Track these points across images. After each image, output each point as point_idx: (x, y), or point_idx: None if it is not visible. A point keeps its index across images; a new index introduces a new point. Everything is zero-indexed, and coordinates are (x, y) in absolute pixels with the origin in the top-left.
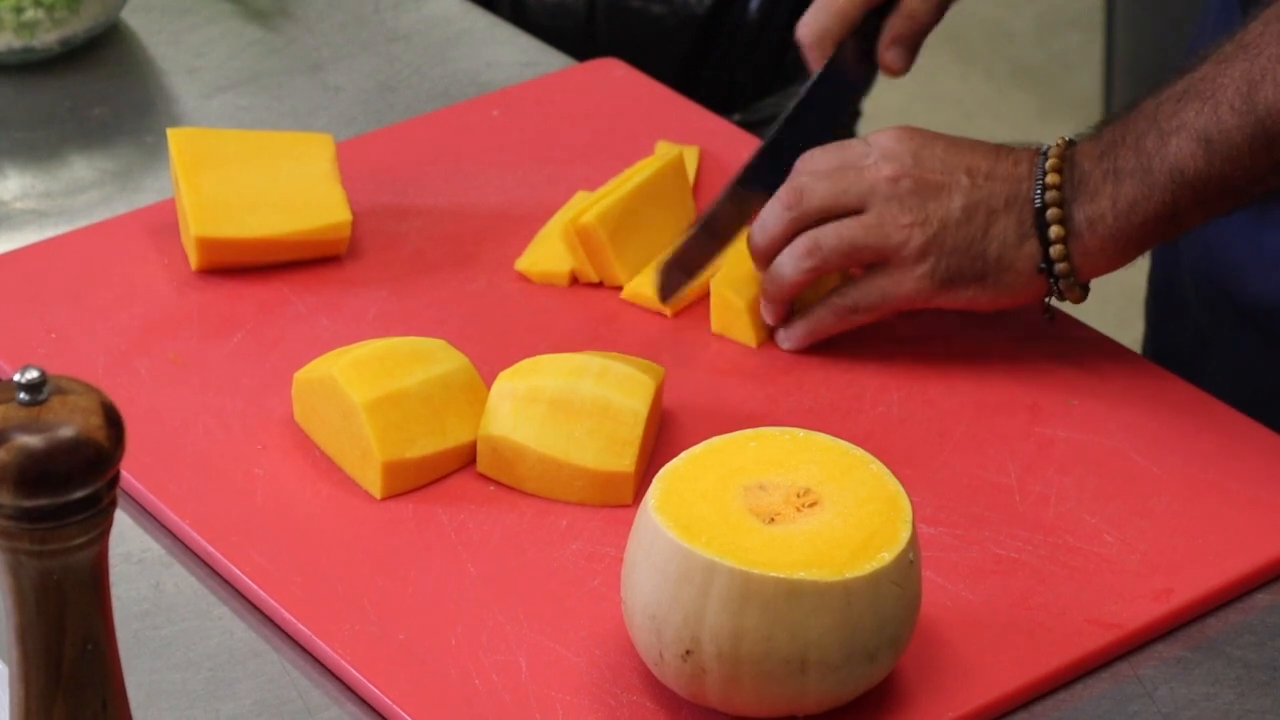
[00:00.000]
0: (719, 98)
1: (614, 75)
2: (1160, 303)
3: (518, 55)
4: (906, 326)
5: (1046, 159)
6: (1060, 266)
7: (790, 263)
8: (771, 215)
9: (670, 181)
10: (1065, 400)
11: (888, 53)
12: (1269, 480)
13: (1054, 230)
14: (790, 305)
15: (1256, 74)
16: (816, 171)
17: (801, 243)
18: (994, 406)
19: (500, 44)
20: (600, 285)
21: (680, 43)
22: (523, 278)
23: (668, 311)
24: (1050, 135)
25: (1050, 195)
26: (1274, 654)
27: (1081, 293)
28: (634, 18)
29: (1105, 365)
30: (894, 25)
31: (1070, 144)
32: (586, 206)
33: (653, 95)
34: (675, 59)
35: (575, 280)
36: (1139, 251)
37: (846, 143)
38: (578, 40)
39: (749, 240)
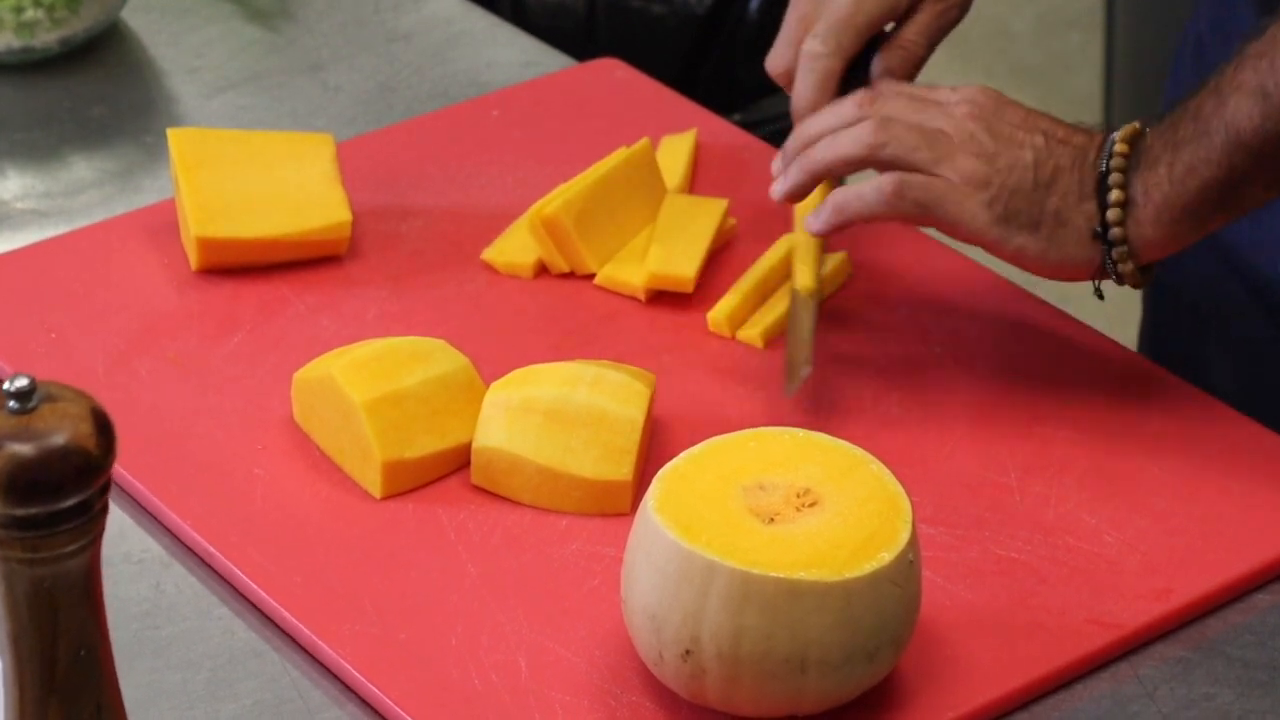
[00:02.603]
0: (719, 98)
1: (614, 75)
2: (1160, 284)
3: (518, 55)
4: (907, 326)
5: (1118, 132)
6: (1115, 232)
7: (872, 192)
8: (842, 112)
9: (639, 170)
10: (1065, 400)
11: (879, 83)
12: (1269, 480)
13: (1113, 194)
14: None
15: None
16: (900, 91)
17: (892, 182)
18: (994, 406)
19: (500, 44)
20: (571, 275)
21: (680, 43)
22: (523, 277)
23: (641, 296)
24: None
25: (1115, 162)
26: (1274, 654)
27: (1137, 273)
28: (634, 18)
29: (1105, 365)
30: (887, 58)
31: (1146, 126)
32: (552, 197)
33: (653, 95)
34: (675, 59)
35: (544, 271)
36: (1196, 225)
37: (930, 86)
38: (578, 40)
39: (801, 132)
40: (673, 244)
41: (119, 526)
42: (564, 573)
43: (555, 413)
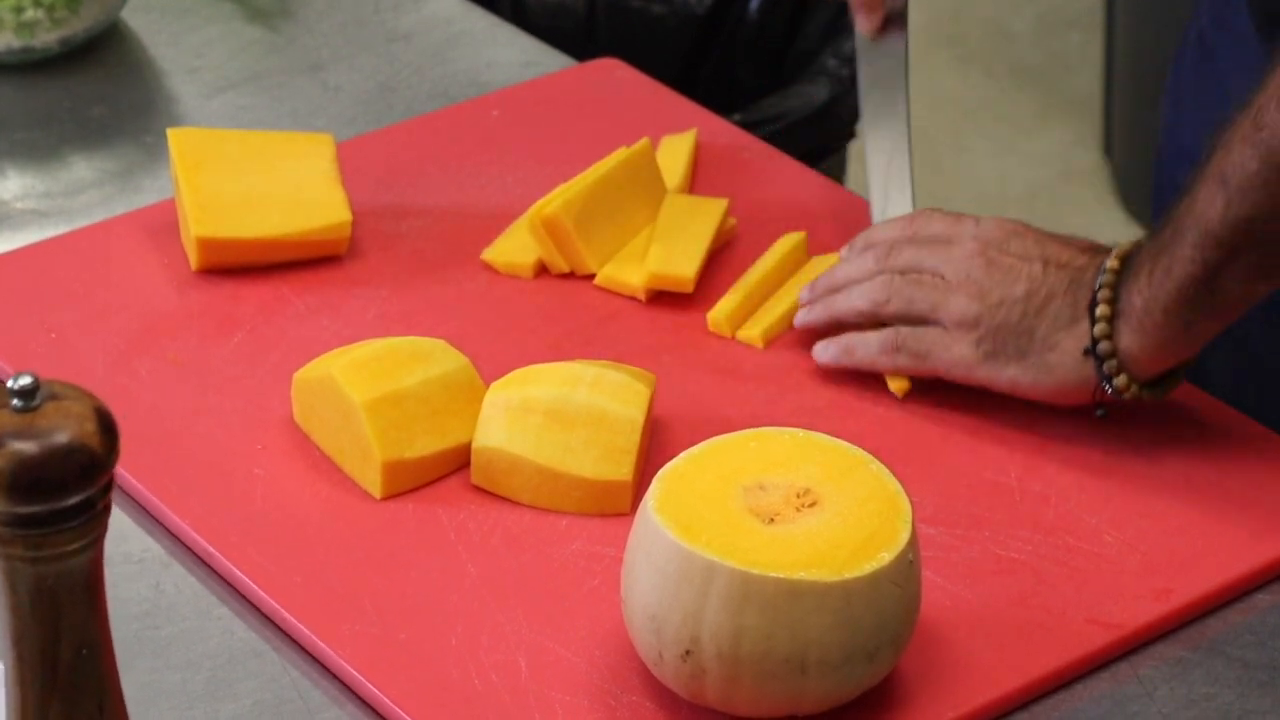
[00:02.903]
0: (719, 98)
1: (614, 75)
2: None
3: (518, 55)
4: None
5: (1115, 249)
6: (1103, 346)
7: (875, 344)
8: (856, 264)
9: (639, 170)
10: None
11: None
12: (1269, 480)
13: (1100, 309)
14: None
15: (1263, 100)
16: (917, 237)
17: (888, 338)
18: (994, 406)
19: (500, 44)
20: (571, 275)
21: (680, 43)
22: (524, 278)
23: (641, 296)
24: (1050, 135)
25: (1106, 278)
26: (1274, 654)
27: (1137, 388)
28: (634, 18)
29: None
30: None
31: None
32: (552, 197)
33: (653, 95)
34: (675, 59)
35: (544, 271)
36: (1183, 329)
37: (959, 217)
38: (578, 40)
39: (824, 281)
40: (672, 244)
41: (119, 526)
42: (564, 573)
43: (555, 413)
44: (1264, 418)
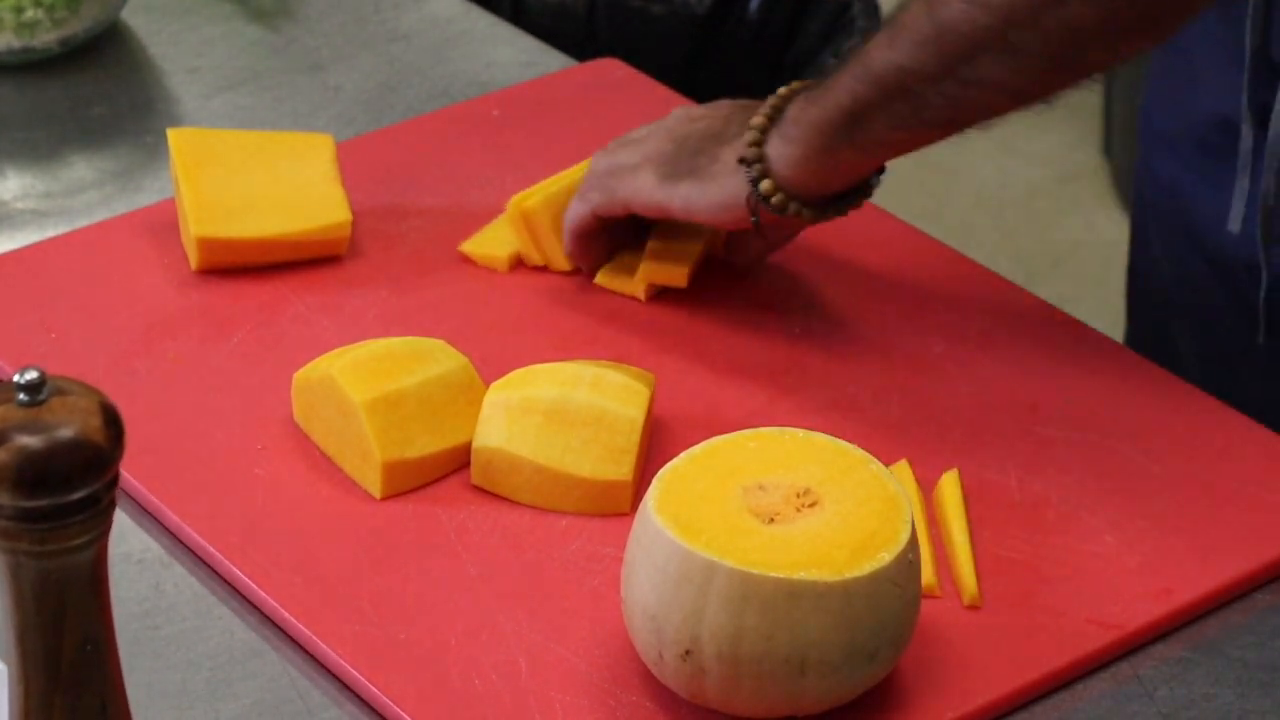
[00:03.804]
0: (719, 98)
1: (614, 75)
2: (1134, 271)
3: (518, 55)
4: (906, 326)
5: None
6: (750, 152)
7: (575, 200)
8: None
9: None
10: (1065, 400)
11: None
12: (1269, 480)
13: (756, 119)
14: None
15: None
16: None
17: (585, 182)
18: (994, 406)
19: (500, 44)
20: (572, 275)
21: (680, 43)
22: (523, 277)
23: (641, 296)
24: (1050, 136)
25: (774, 100)
26: (1274, 654)
27: (779, 192)
28: (634, 18)
29: (1105, 365)
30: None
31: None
32: (534, 191)
33: (653, 95)
34: (675, 59)
35: (543, 270)
36: (831, 154)
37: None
38: (578, 40)
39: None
40: (670, 240)
41: (119, 526)
42: (564, 573)
43: (555, 413)
44: (1264, 417)
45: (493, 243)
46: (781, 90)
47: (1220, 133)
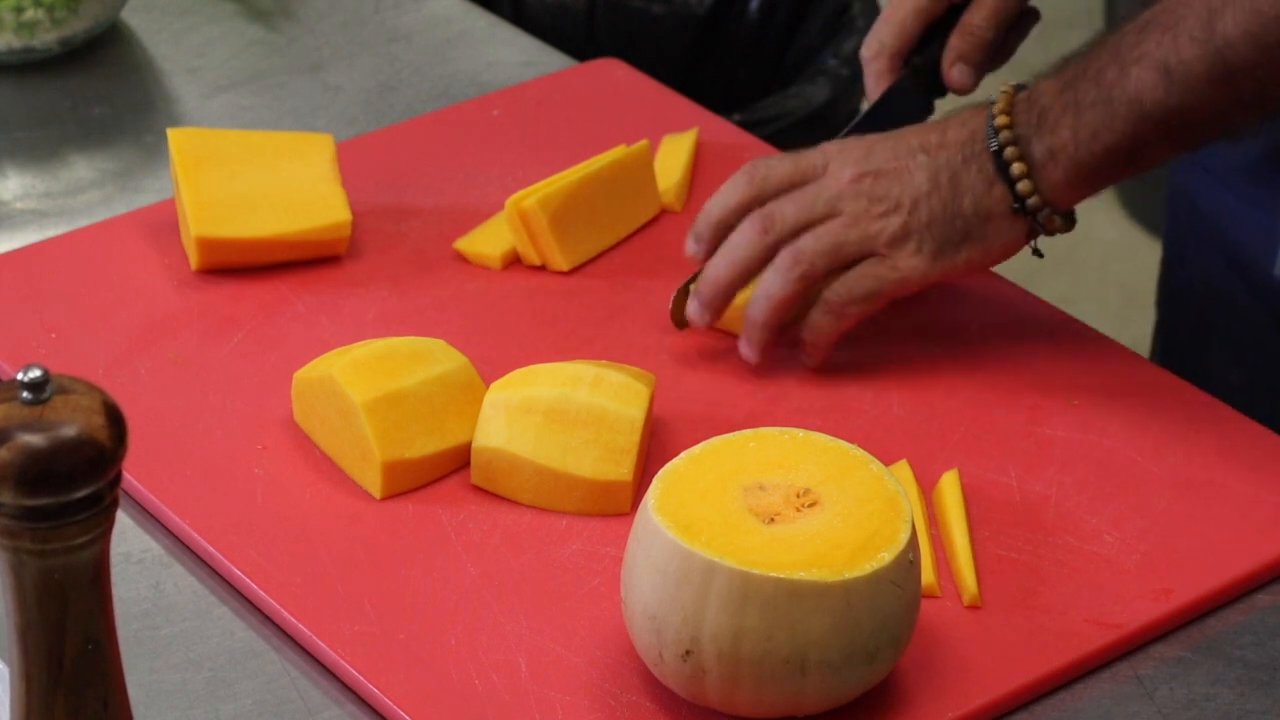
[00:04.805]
0: (719, 98)
1: (614, 75)
2: (1167, 289)
3: (518, 55)
4: (905, 327)
5: (994, 106)
6: (1032, 201)
7: (777, 278)
8: (743, 243)
9: (630, 175)
10: (1065, 400)
11: (952, 70)
12: (1269, 480)
13: (1015, 167)
14: (777, 331)
15: (1217, 3)
16: (779, 194)
17: (784, 257)
18: (994, 406)
19: (500, 44)
20: (572, 275)
21: (680, 43)
22: (523, 277)
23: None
24: None
25: (1004, 136)
26: (1274, 654)
27: (1065, 222)
28: (634, 18)
29: (1105, 365)
30: (955, 44)
31: (1020, 88)
32: (532, 190)
33: (653, 95)
34: (675, 59)
35: (543, 270)
36: (1108, 181)
37: (799, 155)
38: (578, 40)
39: (711, 276)
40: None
41: (119, 526)
42: (564, 573)
43: (555, 413)
44: (1264, 417)
45: (487, 241)
46: (998, 121)
47: (1270, 164)
